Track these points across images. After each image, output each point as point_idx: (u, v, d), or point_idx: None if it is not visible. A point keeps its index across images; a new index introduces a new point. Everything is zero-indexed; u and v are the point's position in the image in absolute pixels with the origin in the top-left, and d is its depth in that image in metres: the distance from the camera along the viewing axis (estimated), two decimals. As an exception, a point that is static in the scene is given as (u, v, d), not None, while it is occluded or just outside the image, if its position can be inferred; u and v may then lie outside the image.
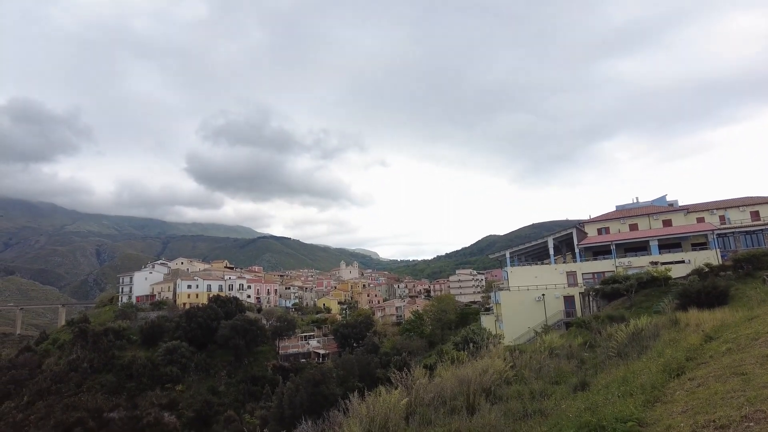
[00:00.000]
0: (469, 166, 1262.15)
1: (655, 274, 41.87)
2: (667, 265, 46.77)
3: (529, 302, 53.59)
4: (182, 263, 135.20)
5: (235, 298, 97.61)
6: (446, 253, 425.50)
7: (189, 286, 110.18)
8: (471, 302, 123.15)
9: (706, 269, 39.31)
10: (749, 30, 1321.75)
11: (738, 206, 60.02)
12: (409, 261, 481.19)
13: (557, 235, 64.28)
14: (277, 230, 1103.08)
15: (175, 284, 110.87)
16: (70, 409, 60.76)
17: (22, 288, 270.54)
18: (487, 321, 60.38)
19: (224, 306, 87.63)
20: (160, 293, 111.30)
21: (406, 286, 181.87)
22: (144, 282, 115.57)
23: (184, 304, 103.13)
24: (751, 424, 5.24)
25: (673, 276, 41.45)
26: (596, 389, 10.77)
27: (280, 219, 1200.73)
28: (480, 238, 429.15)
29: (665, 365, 10.44)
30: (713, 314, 18.80)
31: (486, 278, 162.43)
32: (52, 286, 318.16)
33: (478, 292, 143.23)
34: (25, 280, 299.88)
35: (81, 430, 55.91)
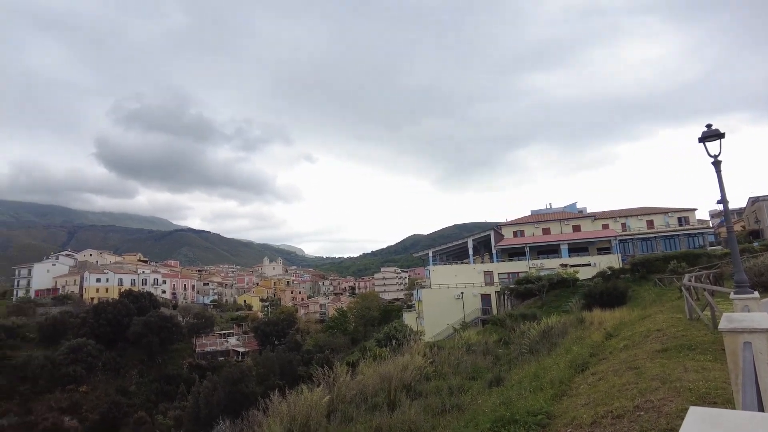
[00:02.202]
0: (395, 167, 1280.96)
1: (564, 275, 44.97)
2: (575, 268, 50.40)
3: (448, 300, 55.38)
4: (91, 255, 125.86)
5: (149, 294, 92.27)
6: (372, 251, 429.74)
7: (98, 280, 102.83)
8: (394, 299, 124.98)
9: (609, 272, 42.82)
10: (647, 56, 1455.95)
11: (637, 215, 65.85)
12: (334, 258, 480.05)
13: (476, 236, 67.04)
14: (194, 223, 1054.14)
15: (82, 277, 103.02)
16: (-49, 416, 54.57)
17: None
18: (409, 318, 61.67)
19: (137, 301, 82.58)
20: (64, 287, 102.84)
21: (331, 284, 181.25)
22: (46, 274, 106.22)
23: (92, 299, 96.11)
24: (642, 413, 5.87)
25: (581, 278, 44.73)
26: (510, 384, 11.41)
27: (198, 211, 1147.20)
28: (404, 237, 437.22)
29: (572, 361, 11.30)
30: (613, 313, 20.56)
31: (409, 276, 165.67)
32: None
33: (402, 290, 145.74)
34: None
35: (-37, 438, 50.41)
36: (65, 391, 62.69)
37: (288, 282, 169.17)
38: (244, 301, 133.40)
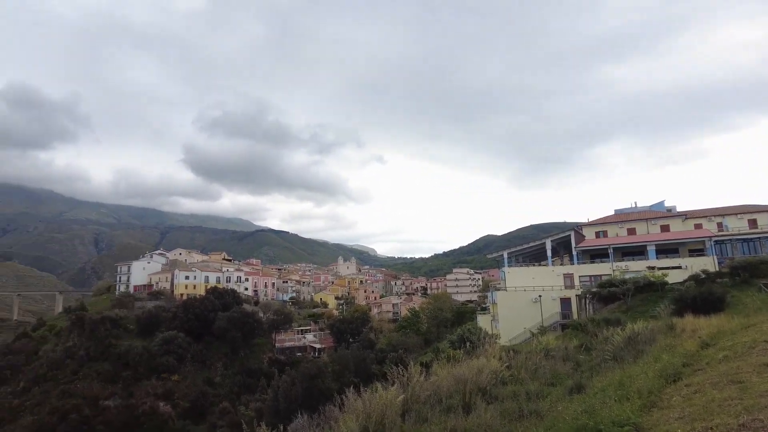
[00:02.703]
0: (467, 166, 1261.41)
1: (652, 278, 42.02)
2: (664, 270, 46.96)
3: (525, 303, 53.69)
4: (180, 254, 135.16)
5: (233, 291, 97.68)
6: (444, 252, 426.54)
7: (187, 277, 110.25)
8: (467, 301, 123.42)
9: (703, 275, 39.48)
10: (744, 39, 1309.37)
11: (736, 214, 60.14)
12: (406, 258, 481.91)
13: (555, 237, 64.40)
14: (274, 224, 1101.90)
15: (173, 275, 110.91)
16: (66, 396, 60.86)
17: (19, 274, 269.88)
18: (483, 320, 60.50)
19: (221, 298, 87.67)
20: (157, 283, 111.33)
21: (404, 284, 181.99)
22: (142, 272, 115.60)
23: (182, 294, 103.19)
24: (748, 432, 5.30)
25: (670, 281, 41.58)
26: (592, 392, 10.84)
27: (277, 212, 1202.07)
28: (478, 238, 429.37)
29: (662, 370, 10.52)
30: (709, 321, 18.91)
31: (483, 278, 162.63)
32: (50, 273, 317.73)
33: (475, 292, 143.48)
34: (23, 266, 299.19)
35: (77, 417, 55.99)
36: (160, 379, 67.90)
37: (361, 281, 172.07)
38: (321, 299, 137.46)
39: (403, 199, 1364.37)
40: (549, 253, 62.81)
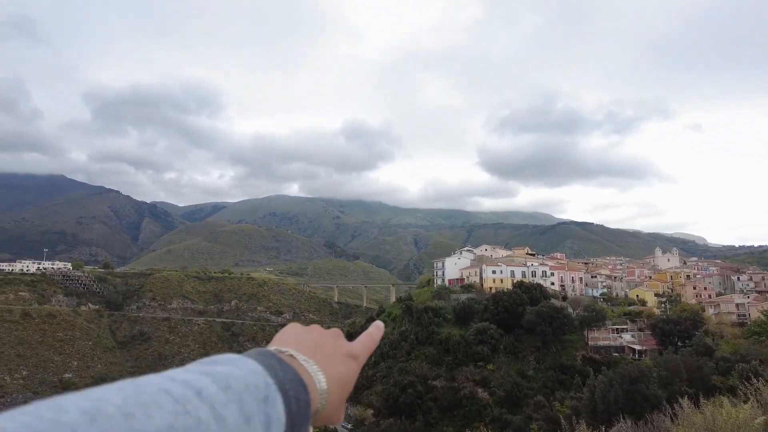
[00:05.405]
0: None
1: None
2: None
3: None
4: (486, 250, 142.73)
5: (539, 285, 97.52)
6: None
7: (494, 272, 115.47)
8: None
9: None
10: None
11: None
12: (752, 247, 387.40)
13: None
14: (575, 215, 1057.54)
15: (480, 269, 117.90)
16: (404, 373, 72.13)
17: (364, 270, 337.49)
18: None
19: (528, 292, 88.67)
20: (468, 277, 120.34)
21: (751, 279, 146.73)
22: (453, 267, 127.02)
23: (490, 288, 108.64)
24: None
25: None
26: None
27: (576, 203, 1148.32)
28: None
29: None
30: None
31: None
32: (384, 268, 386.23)
33: None
34: (366, 264, 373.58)
35: (412, 391, 65.79)
36: (476, 367, 73.31)
37: (688, 276, 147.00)
38: (637, 296, 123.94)
39: (735, 172, 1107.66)
40: None
